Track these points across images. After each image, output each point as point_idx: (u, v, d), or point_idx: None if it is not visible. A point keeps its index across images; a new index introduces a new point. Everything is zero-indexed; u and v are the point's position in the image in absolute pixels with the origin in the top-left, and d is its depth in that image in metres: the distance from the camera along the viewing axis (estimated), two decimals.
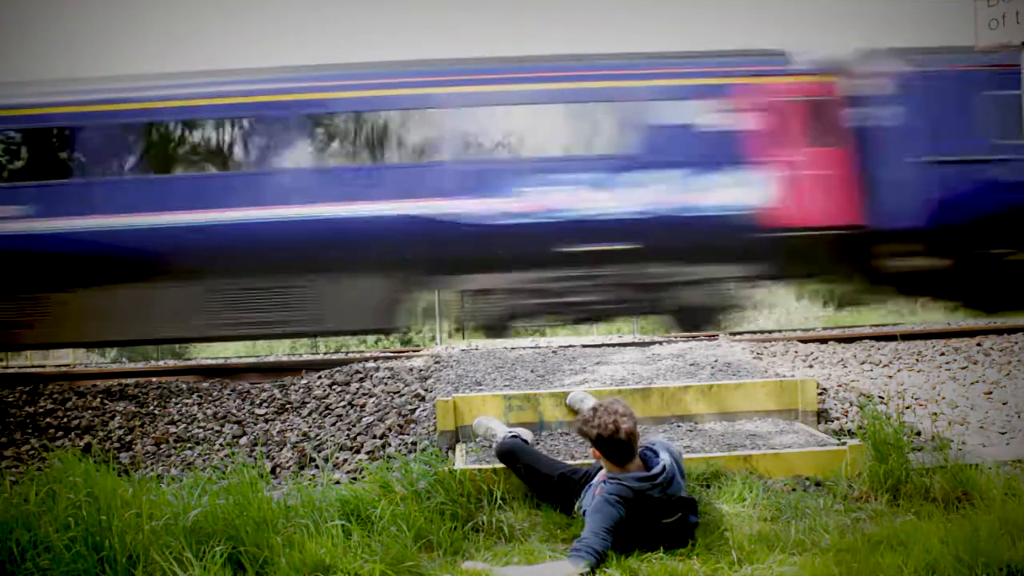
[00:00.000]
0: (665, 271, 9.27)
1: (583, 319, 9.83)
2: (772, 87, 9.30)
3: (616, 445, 3.20)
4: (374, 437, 4.86)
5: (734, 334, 8.76)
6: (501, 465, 3.70)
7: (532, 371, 5.82)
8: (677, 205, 9.05)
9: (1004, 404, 5.11)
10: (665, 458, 3.24)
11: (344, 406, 5.50)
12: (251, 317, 9.13)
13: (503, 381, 5.49)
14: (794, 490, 3.64)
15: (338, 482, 4.02)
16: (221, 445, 5.16)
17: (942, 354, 6.49)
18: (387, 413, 5.16)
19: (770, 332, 9.44)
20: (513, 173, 9.12)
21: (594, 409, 3.28)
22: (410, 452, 4.33)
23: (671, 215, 9.04)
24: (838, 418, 4.79)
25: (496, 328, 9.48)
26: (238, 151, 9.35)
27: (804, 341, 7.53)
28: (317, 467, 4.55)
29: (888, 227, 9.21)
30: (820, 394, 4.97)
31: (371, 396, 5.57)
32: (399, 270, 9.12)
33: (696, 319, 9.50)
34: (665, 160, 9.09)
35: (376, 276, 9.10)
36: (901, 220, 9.20)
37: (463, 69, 9.53)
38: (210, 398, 6.16)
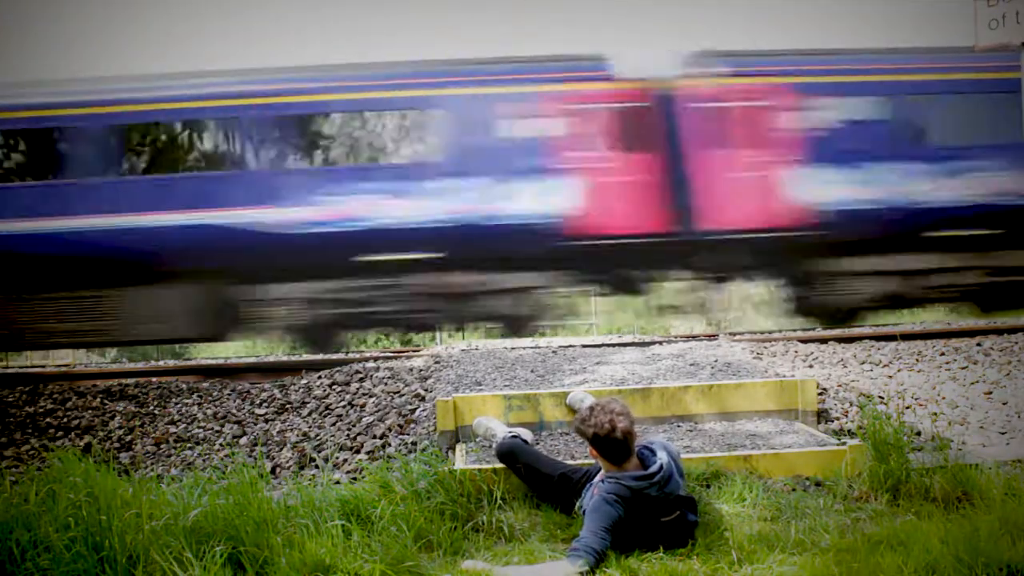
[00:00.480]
0: (469, 280, 9.18)
1: (385, 329, 9.77)
2: (581, 93, 9.17)
3: (613, 444, 3.20)
4: (374, 437, 4.86)
5: (734, 334, 8.76)
6: (501, 465, 3.70)
7: (532, 371, 5.82)
8: (480, 213, 8.97)
9: (1004, 404, 5.11)
10: (662, 457, 3.24)
11: (344, 406, 5.50)
12: (66, 327, 9.12)
13: (503, 381, 5.49)
14: (794, 490, 3.64)
15: (338, 482, 4.02)
16: (221, 445, 5.16)
17: (942, 354, 6.49)
18: (387, 413, 5.16)
19: (770, 332, 9.43)
20: (312, 182, 9.06)
21: (591, 408, 3.28)
22: (410, 452, 4.33)
23: (474, 223, 8.95)
24: (838, 418, 4.79)
25: (310, 337, 9.42)
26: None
27: (804, 341, 7.53)
28: (317, 467, 4.55)
29: (705, 231, 9.18)
30: (820, 394, 4.97)
31: (371, 396, 5.57)
32: (203, 279, 9.06)
33: (507, 327, 9.43)
34: (468, 168, 9.01)
35: (182, 285, 9.05)
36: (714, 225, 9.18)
37: (270, 79, 9.44)
38: (210, 398, 6.16)
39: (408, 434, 4.83)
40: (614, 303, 10.66)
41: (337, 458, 4.64)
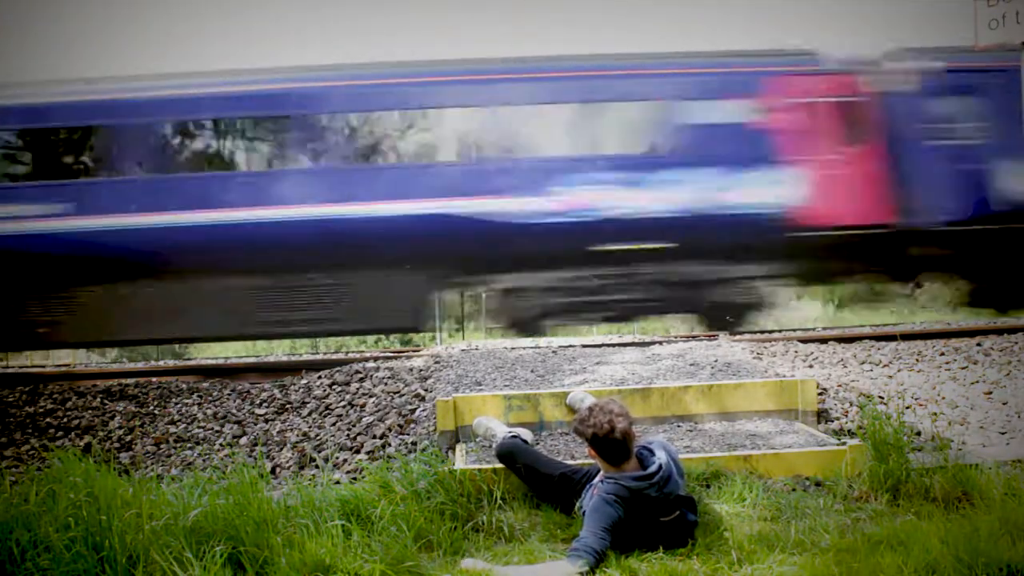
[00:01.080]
0: (701, 269, 9.32)
1: (615, 318, 9.86)
2: (804, 85, 9.34)
3: (611, 445, 3.20)
4: (374, 437, 4.86)
5: (734, 334, 8.76)
6: (501, 465, 3.70)
7: (532, 371, 5.81)
8: (711, 204, 9.12)
9: (1004, 404, 5.11)
10: (661, 457, 3.24)
11: (344, 406, 5.49)
12: (286, 316, 9.22)
13: (503, 381, 5.49)
14: (794, 490, 3.64)
15: (338, 482, 4.02)
16: (221, 445, 5.16)
17: (942, 354, 6.48)
18: (387, 413, 5.16)
19: (770, 332, 9.44)
20: (548, 172, 9.19)
21: (590, 409, 3.28)
22: (410, 452, 4.33)
23: (705, 214, 9.11)
24: (838, 418, 4.79)
25: (527, 326, 9.53)
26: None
27: (804, 341, 7.53)
28: (317, 467, 4.55)
29: (918, 225, 9.28)
30: (820, 394, 4.97)
31: (371, 396, 5.57)
32: (432, 268, 9.19)
33: (726, 317, 9.56)
34: (699, 159, 9.18)
35: (409, 275, 9.17)
36: (931, 218, 9.27)
37: (478, 69, 9.60)
38: (210, 398, 6.16)
39: (408, 434, 4.83)
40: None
41: (337, 458, 4.64)
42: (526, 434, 4.15)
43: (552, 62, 9.76)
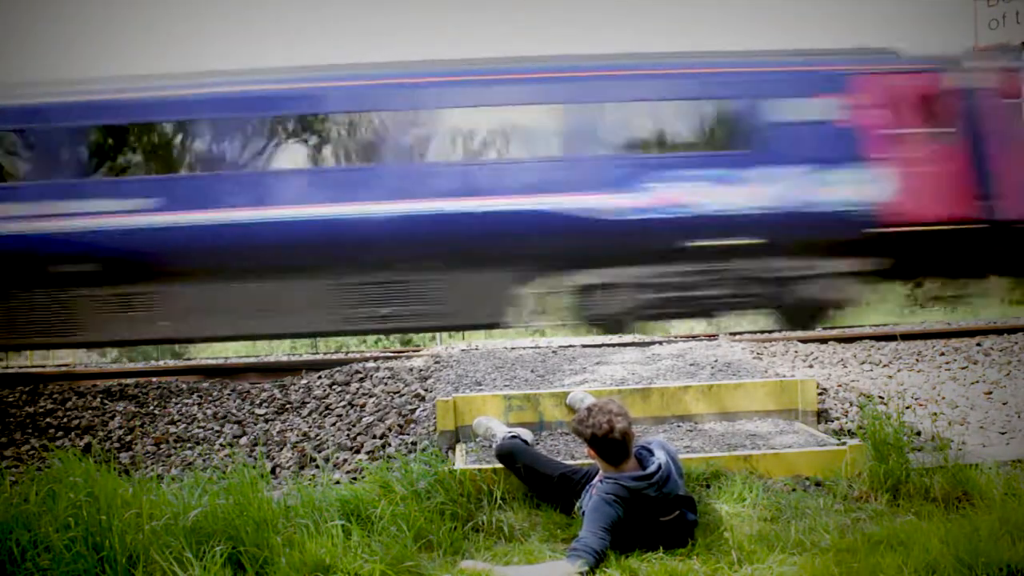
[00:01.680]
0: (787, 265, 9.42)
1: (700, 314, 9.96)
2: (891, 83, 9.46)
3: (610, 444, 3.20)
4: (374, 437, 4.86)
5: (734, 334, 8.76)
6: (501, 465, 3.70)
7: (532, 371, 5.81)
8: (801, 200, 9.24)
9: (1004, 404, 5.11)
10: (661, 457, 3.24)
11: (344, 406, 5.49)
12: (377, 312, 9.32)
13: (503, 381, 5.49)
14: (794, 490, 3.64)
15: (338, 482, 4.02)
16: (221, 445, 5.16)
17: (942, 354, 6.48)
18: (387, 413, 5.16)
19: (770, 332, 9.43)
20: (640, 169, 9.30)
21: (589, 409, 3.28)
22: (410, 452, 4.33)
23: (793, 210, 9.23)
24: (838, 418, 4.79)
25: (617, 323, 9.61)
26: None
27: (804, 341, 7.52)
28: (317, 467, 4.55)
29: (1010, 220, 9.37)
30: (820, 394, 4.97)
31: (371, 396, 5.57)
32: (522, 264, 9.29)
33: (811, 314, 9.68)
34: (788, 156, 9.29)
35: (498, 270, 9.26)
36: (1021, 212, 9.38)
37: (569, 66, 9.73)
38: (210, 398, 6.16)
39: (408, 434, 4.83)
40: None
41: (337, 458, 4.64)
42: (526, 434, 4.15)
43: (638, 59, 9.87)
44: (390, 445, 4.71)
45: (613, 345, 7.73)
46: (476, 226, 9.07)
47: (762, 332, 9.15)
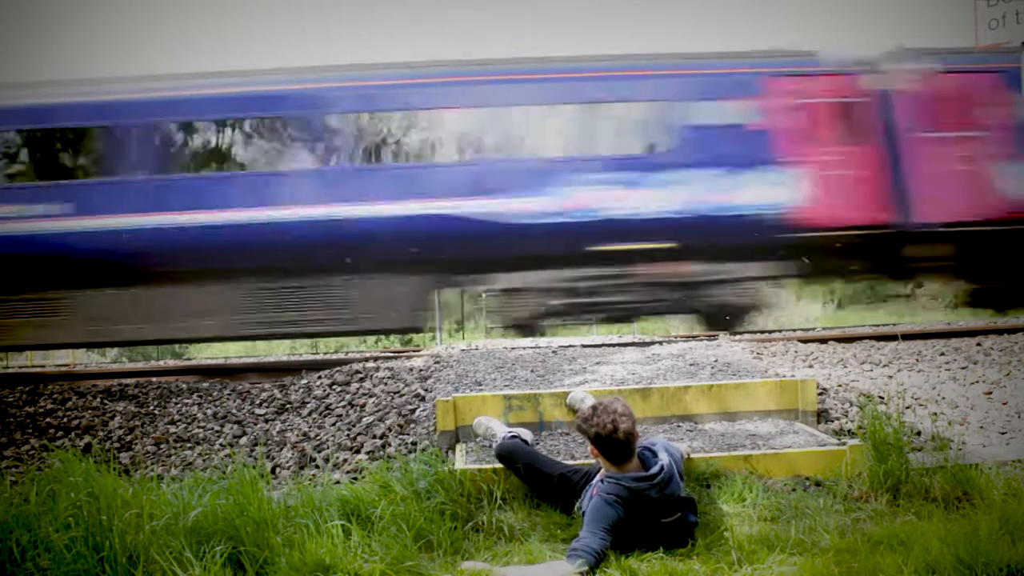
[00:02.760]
0: (698, 270, 9.39)
1: (614, 318, 9.90)
2: (804, 86, 9.39)
3: (614, 445, 3.20)
4: (374, 437, 4.86)
5: (734, 334, 8.76)
6: (501, 465, 3.70)
7: (532, 371, 5.81)
8: (712, 204, 9.18)
9: (1004, 404, 5.11)
10: (664, 458, 3.24)
11: (344, 406, 5.49)
12: (287, 317, 9.26)
13: (503, 381, 5.49)
14: (794, 490, 3.64)
15: (338, 482, 4.02)
16: (221, 445, 5.15)
17: (942, 354, 6.48)
18: (387, 413, 5.16)
19: (770, 332, 9.44)
20: (550, 173, 9.23)
21: (593, 408, 3.28)
22: (410, 452, 4.33)
23: (706, 215, 9.17)
24: (838, 418, 4.79)
25: (526, 326, 9.59)
26: None
27: (804, 341, 7.53)
28: (317, 467, 4.54)
29: (924, 223, 9.33)
30: (820, 394, 4.97)
31: (371, 396, 5.57)
32: (431, 270, 9.24)
33: (725, 318, 9.62)
34: (699, 159, 9.23)
35: (407, 276, 9.22)
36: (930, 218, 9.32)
37: (474, 71, 9.63)
38: (210, 398, 6.16)
39: (408, 434, 4.83)
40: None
41: (337, 458, 4.63)
42: (526, 434, 4.15)
43: (550, 63, 9.80)
44: (390, 445, 4.71)
45: (613, 345, 7.74)
46: (390, 230, 9.02)
47: (762, 332, 9.16)
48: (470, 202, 9.10)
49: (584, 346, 7.79)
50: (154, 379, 7.00)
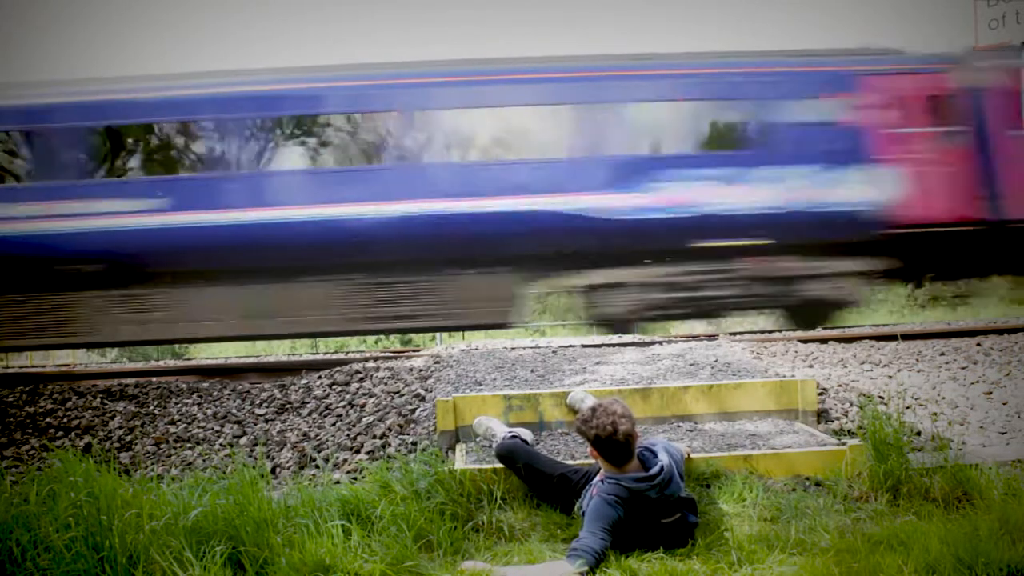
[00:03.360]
0: (794, 266, 9.45)
1: (708, 314, 9.98)
2: (898, 83, 9.49)
3: (614, 446, 3.20)
4: (374, 437, 4.86)
5: (734, 334, 8.76)
6: (501, 465, 3.70)
7: (532, 371, 5.81)
8: (808, 201, 9.27)
9: (1004, 404, 5.11)
10: (664, 459, 3.24)
11: (344, 406, 5.49)
12: (382, 312, 9.38)
13: (503, 381, 5.49)
14: (794, 490, 3.64)
15: (338, 482, 4.02)
16: (221, 445, 5.15)
17: (942, 354, 6.48)
18: (387, 413, 5.16)
19: (770, 332, 9.43)
20: (647, 168, 9.31)
21: (593, 409, 3.28)
22: (410, 452, 4.33)
23: (801, 210, 9.26)
24: (838, 418, 4.79)
25: (625, 321, 9.65)
26: None
27: (804, 341, 7.52)
28: (317, 467, 4.54)
29: (1013, 219, 9.40)
30: (820, 394, 4.97)
31: (371, 396, 5.57)
32: (526, 265, 9.33)
33: (817, 314, 9.71)
34: (796, 156, 9.31)
35: (502, 271, 9.32)
36: None
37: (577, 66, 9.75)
38: (210, 398, 6.16)
39: (408, 434, 4.83)
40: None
41: (337, 458, 4.63)
42: (526, 434, 4.16)
43: (642, 60, 9.91)
44: (390, 445, 4.71)
45: (613, 345, 7.73)
46: (477, 227, 9.10)
47: (762, 332, 9.15)
48: (562, 198, 9.20)
49: (584, 346, 7.78)
50: (154, 379, 7.00)
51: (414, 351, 8.28)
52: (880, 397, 5.15)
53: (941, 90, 9.53)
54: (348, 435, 4.96)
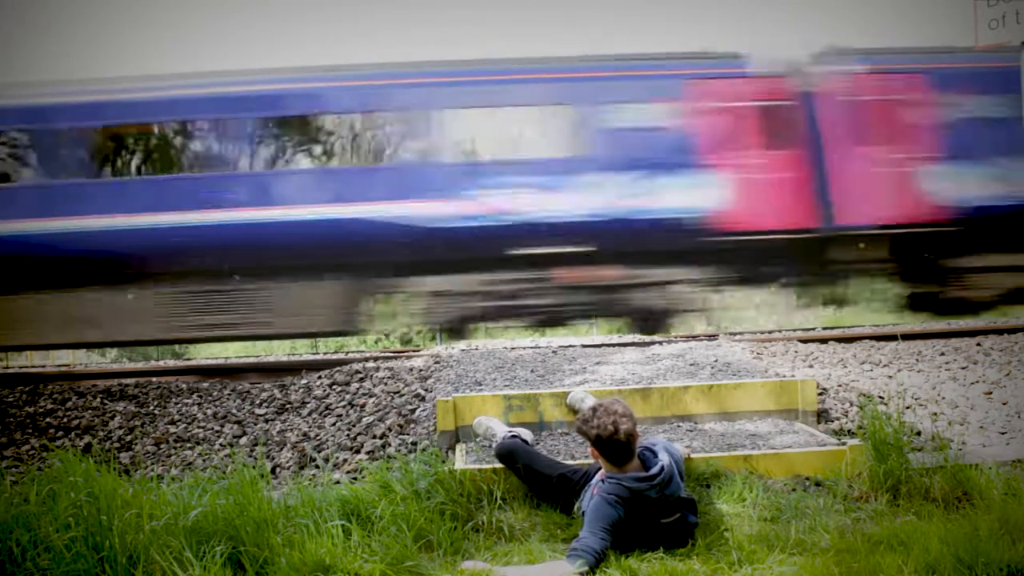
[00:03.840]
0: (619, 274, 9.26)
1: (537, 322, 9.79)
2: (727, 89, 9.26)
3: (615, 446, 3.20)
4: (374, 437, 4.86)
5: (734, 334, 8.76)
6: (501, 465, 3.70)
7: (532, 371, 5.82)
8: (632, 207, 9.05)
9: (1004, 404, 5.11)
10: (664, 459, 3.24)
11: (344, 406, 5.49)
12: (211, 320, 9.16)
13: (503, 381, 5.49)
14: (794, 490, 3.64)
15: (338, 482, 4.02)
16: (221, 445, 5.16)
17: (942, 354, 6.49)
18: (387, 413, 5.16)
19: (770, 332, 9.44)
20: (468, 175, 9.13)
21: (594, 409, 3.28)
22: (410, 452, 4.33)
23: (623, 217, 9.04)
24: (838, 418, 4.79)
25: (453, 329, 9.51)
26: None
27: (804, 341, 7.53)
28: (317, 467, 4.54)
29: (842, 228, 9.25)
30: (820, 394, 4.97)
31: (371, 396, 5.57)
32: (359, 273, 9.16)
33: (649, 322, 9.51)
34: (622, 162, 9.10)
35: (336, 279, 9.14)
36: (856, 220, 9.24)
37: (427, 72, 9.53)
38: (210, 398, 6.16)
39: (408, 434, 4.83)
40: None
41: (337, 458, 4.64)
42: (526, 434, 4.16)
43: (469, 66, 9.64)
44: (390, 445, 4.71)
45: (613, 345, 7.74)
46: (307, 234, 8.95)
47: (762, 332, 9.16)
48: (383, 206, 9.03)
49: (584, 346, 7.79)
50: (154, 379, 7.00)
51: (414, 351, 8.28)
52: (880, 397, 5.15)
53: (774, 96, 9.29)
54: (348, 435, 4.96)
